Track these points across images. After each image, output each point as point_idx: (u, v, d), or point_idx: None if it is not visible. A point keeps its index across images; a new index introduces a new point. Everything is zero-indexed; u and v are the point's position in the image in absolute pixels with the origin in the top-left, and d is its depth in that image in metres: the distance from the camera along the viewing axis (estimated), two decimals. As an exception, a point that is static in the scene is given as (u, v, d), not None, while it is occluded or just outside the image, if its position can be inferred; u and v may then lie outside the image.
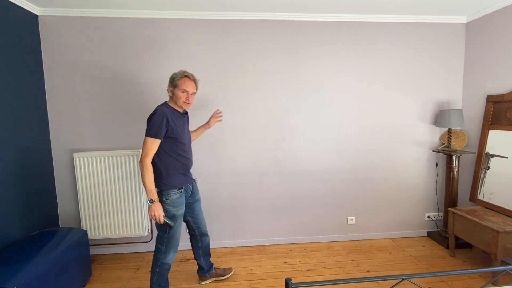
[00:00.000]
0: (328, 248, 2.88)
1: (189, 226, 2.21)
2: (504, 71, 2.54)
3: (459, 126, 2.74)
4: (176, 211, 1.92)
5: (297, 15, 2.71)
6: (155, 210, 1.80)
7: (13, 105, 2.21)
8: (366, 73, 2.88)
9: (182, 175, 1.96)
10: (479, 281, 2.28)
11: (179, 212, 1.94)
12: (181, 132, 1.91)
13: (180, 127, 1.92)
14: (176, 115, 1.92)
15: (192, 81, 1.93)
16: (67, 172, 2.69)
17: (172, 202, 1.90)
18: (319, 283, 1.16)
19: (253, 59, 2.75)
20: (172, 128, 1.84)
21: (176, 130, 1.87)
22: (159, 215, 1.81)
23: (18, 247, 2.02)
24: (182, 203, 1.97)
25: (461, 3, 2.55)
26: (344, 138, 2.93)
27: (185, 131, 1.98)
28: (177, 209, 1.93)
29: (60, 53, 2.59)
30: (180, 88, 1.89)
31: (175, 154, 1.90)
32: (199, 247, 2.25)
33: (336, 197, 2.99)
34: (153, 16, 2.62)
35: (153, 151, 1.80)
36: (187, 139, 2.00)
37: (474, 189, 2.76)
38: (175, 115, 1.91)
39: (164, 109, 1.85)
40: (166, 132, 1.82)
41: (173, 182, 1.90)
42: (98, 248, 2.79)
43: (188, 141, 2.02)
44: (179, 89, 1.89)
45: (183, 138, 1.93)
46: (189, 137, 2.07)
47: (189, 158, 2.01)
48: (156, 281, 2.00)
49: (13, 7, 2.25)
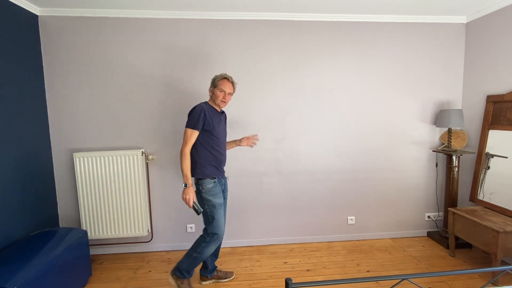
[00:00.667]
0: (328, 248, 2.88)
1: None
2: (504, 71, 2.54)
3: (459, 126, 2.74)
4: (214, 199, 2.05)
5: (297, 15, 2.71)
6: (187, 193, 1.97)
7: (13, 105, 2.21)
8: (366, 73, 2.88)
9: (215, 167, 2.09)
10: (479, 281, 2.28)
11: (217, 200, 2.06)
12: (216, 127, 2.07)
13: (216, 123, 2.08)
14: (213, 112, 2.10)
15: (230, 83, 2.12)
16: (67, 172, 2.69)
17: (208, 191, 2.04)
18: (319, 283, 1.16)
19: (253, 59, 2.75)
20: (208, 122, 2.02)
21: (212, 124, 2.04)
22: (189, 199, 1.96)
23: (18, 247, 2.02)
24: (219, 192, 2.10)
25: (461, 3, 2.55)
26: (344, 138, 2.93)
27: (220, 127, 2.13)
28: (214, 197, 2.05)
29: (60, 53, 2.59)
30: (219, 88, 2.08)
31: (209, 147, 2.06)
32: None
33: (336, 197, 2.99)
34: (153, 16, 2.62)
35: (191, 141, 2.00)
36: (222, 135, 2.15)
37: (474, 189, 2.76)
38: (212, 112, 2.08)
39: (203, 105, 2.06)
40: (203, 125, 2.00)
41: (206, 172, 2.05)
42: (98, 248, 2.79)
43: (223, 138, 2.16)
44: (218, 88, 2.08)
45: (218, 133, 2.08)
46: (225, 134, 2.20)
47: (222, 153, 2.14)
48: (186, 266, 2.10)
49: (13, 7, 2.25)
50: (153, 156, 2.74)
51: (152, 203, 2.81)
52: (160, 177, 2.79)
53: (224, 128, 2.21)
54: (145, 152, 2.72)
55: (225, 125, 2.24)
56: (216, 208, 2.05)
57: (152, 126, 2.73)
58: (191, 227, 2.87)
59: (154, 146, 2.76)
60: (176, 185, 2.81)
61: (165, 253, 2.82)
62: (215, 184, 2.08)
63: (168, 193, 2.82)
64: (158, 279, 2.39)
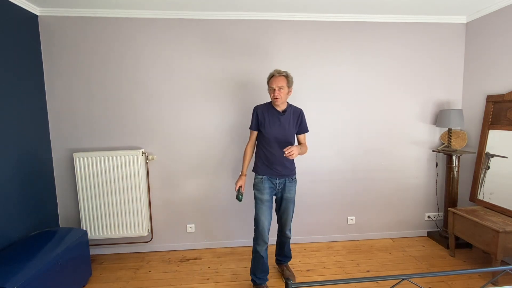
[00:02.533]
0: (328, 248, 2.88)
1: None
2: (504, 71, 2.54)
3: (459, 126, 2.74)
4: (258, 194, 2.15)
5: (297, 15, 2.71)
6: (237, 180, 2.18)
7: (13, 105, 2.21)
8: (366, 73, 2.88)
9: (266, 166, 2.16)
10: (479, 281, 2.28)
11: (259, 196, 2.14)
12: (268, 127, 2.11)
13: (270, 123, 2.11)
14: (269, 112, 2.14)
15: (279, 76, 2.05)
16: (67, 172, 2.69)
17: (255, 185, 2.19)
18: (319, 283, 1.16)
19: (253, 59, 2.75)
20: (261, 122, 2.14)
21: (264, 124, 2.12)
22: (236, 184, 2.16)
23: (18, 247, 2.02)
24: (264, 189, 2.14)
25: (461, 3, 2.55)
26: (344, 138, 2.93)
27: (275, 127, 2.11)
28: (258, 193, 2.15)
29: (60, 53, 2.59)
30: (269, 87, 2.11)
31: (261, 146, 2.19)
32: (278, 237, 2.40)
33: (336, 197, 2.99)
34: (153, 16, 2.62)
35: (250, 139, 2.22)
36: (275, 134, 2.11)
37: (474, 189, 2.76)
38: (268, 112, 2.14)
39: (258, 105, 2.21)
40: (257, 124, 2.15)
41: (257, 168, 2.20)
42: (98, 248, 2.79)
43: (276, 137, 2.12)
44: (269, 88, 2.11)
45: (268, 133, 2.11)
46: (282, 134, 2.12)
47: (273, 153, 2.13)
48: (252, 269, 2.20)
49: (13, 7, 2.25)
50: (153, 156, 2.74)
51: (152, 203, 2.81)
52: (160, 177, 2.79)
53: (283, 128, 2.11)
54: (145, 152, 2.73)
55: (288, 125, 2.13)
56: (257, 203, 2.15)
57: (152, 126, 2.73)
58: (191, 227, 2.87)
59: (154, 146, 2.76)
60: (176, 185, 2.81)
61: (165, 253, 2.82)
62: (262, 181, 2.15)
63: (168, 193, 2.82)
64: (158, 279, 2.39)
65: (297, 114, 2.20)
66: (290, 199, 2.21)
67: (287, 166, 2.16)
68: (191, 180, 2.82)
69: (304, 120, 2.23)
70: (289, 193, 2.20)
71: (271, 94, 2.08)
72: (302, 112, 2.23)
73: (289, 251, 2.41)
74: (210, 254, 2.80)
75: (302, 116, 2.22)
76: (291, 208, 2.24)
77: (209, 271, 2.49)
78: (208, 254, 2.79)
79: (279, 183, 2.17)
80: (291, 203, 2.22)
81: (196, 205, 2.86)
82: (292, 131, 2.17)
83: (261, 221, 2.12)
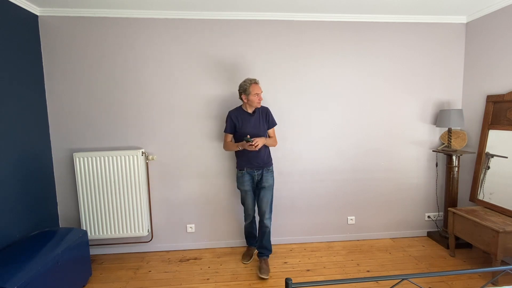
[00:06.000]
0: (328, 248, 2.88)
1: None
2: (504, 71, 2.54)
3: (459, 126, 2.74)
4: (240, 186, 2.52)
5: (298, 15, 2.71)
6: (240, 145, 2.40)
7: (13, 105, 2.21)
8: (366, 73, 2.88)
9: (245, 161, 2.46)
10: (479, 281, 2.28)
11: (242, 187, 2.52)
12: (242, 128, 2.42)
13: (244, 123, 2.42)
14: (242, 115, 2.45)
15: (258, 84, 2.40)
16: (67, 172, 2.69)
17: (237, 179, 2.53)
18: (319, 283, 1.16)
19: (253, 59, 2.75)
20: (236, 125, 2.44)
21: (239, 126, 2.43)
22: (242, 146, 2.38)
23: (18, 247, 2.02)
24: (245, 181, 2.49)
25: (461, 3, 2.55)
26: (344, 138, 2.93)
27: (249, 126, 2.42)
28: (241, 185, 2.52)
29: (60, 53, 2.59)
30: (253, 94, 2.36)
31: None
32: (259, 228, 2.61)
33: (336, 197, 2.99)
34: (154, 16, 2.62)
35: (225, 142, 2.51)
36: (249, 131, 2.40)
37: (474, 189, 2.76)
38: (241, 115, 2.44)
39: (231, 111, 2.49)
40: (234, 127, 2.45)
41: (238, 165, 2.52)
42: (98, 248, 2.79)
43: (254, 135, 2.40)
44: (252, 94, 2.36)
45: (244, 130, 2.41)
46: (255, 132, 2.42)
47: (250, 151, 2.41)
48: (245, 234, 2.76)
49: (13, 7, 2.25)
50: (153, 156, 2.74)
51: (152, 203, 2.81)
52: (160, 177, 2.79)
53: (257, 127, 2.44)
54: (145, 152, 2.73)
55: (258, 123, 2.45)
56: (241, 193, 2.56)
57: (152, 126, 2.74)
58: (191, 227, 2.87)
59: (154, 146, 2.76)
60: (176, 185, 2.82)
61: (165, 253, 2.82)
62: (243, 174, 2.48)
63: (168, 193, 2.82)
64: (158, 279, 2.39)
65: (265, 112, 2.51)
66: (268, 187, 2.50)
67: (263, 158, 2.47)
68: (191, 180, 2.82)
69: (271, 116, 2.54)
70: (266, 182, 2.49)
71: (256, 100, 2.38)
72: (269, 110, 2.54)
73: (268, 243, 2.54)
74: (210, 254, 2.80)
75: (269, 113, 2.52)
76: (268, 196, 2.51)
77: (209, 271, 2.49)
78: (208, 254, 2.79)
79: (257, 175, 2.48)
80: (268, 191, 2.51)
81: (196, 205, 2.86)
82: (263, 128, 2.48)
83: (246, 203, 2.57)
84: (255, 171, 2.47)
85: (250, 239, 2.74)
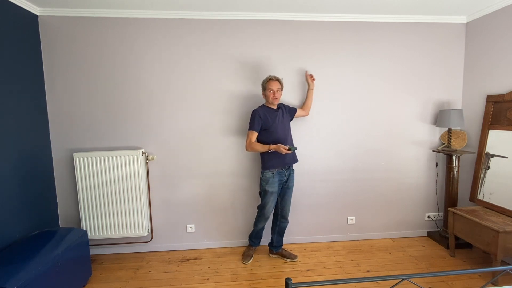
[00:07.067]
0: (328, 248, 2.88)
1: (277, 205, 2.61)
2: (504, 71, 2.54)
3: (459, 126, 2.74)
4: (268, 187, 2.44)
5: (297, 15, 2.71)
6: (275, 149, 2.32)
7: (13, 105, 2.21)
8: (366, 73, 2.88)
9: (277, 159, 2.40)
10: (479, 281, 2.28)
11: (269, 189, 2.44)
12: (272, 124, 2.39)
13: (273, 120, 2.40)
14: (269, 112, 2.43)
15: (276, 81, 2.41)
16: (67, 172, 2.69)
17: (265, 180, 2.45)
18: (319, 283, 1.16)
19: (253, 59, 2.75)
20: (264, 122, 2.39)
21: (268, 123, 2.39)
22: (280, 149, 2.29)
23: (18, 247, 2.02)
24: (274, 182, 2.45)
25: (461, 3, 2.55)
26: (344, 138, 2.93)
27: (277, 122, 2.41)
28: (269, 187, 2.44)
29: (60, 53, 2.59)
30: (268, 88, 2.40)
31: (270, 143, 2.39)
32: (276, 225, 2.67)
33: (336, 197, 2.99)
34: (154, 17, 2.62)
35: (250, 140, 2.39)
36: (279, 128, 2.42)
37: (474, 189, 2.76)
38: (268, 112, 2.42)
39: (257, 109, 2.44)
40: (260, 125, 2.39)
41: (267, 165, 2.43)
42: (98, 248, 2.79)
43: (282, 132, 2.44)
44: (267, 89, 2.41)
45: (274, 128, 2.41)
46: (284, 128, 2.47)
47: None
48: (250, 235, 2.73)
49: (13, 7, 2.25)
50: (153, 156, 2.74)
51: (152, 203, 2.81)
52: (160, 177, 2.79)
53: (281, 122, 2.45)
54: (145, 152, 2.73)
55: (283, 118, 2.48)
56: (266, 195, 2.47)
57: (152, 126, 2.73)
58: (191, 227, 2.87)
59: (154, 146, 2.76)
60: (176, 185, 2.82)
61: (165, 253, 2.82)
62: (273, 175, 2.44)
63: (168, 193, 2.82)
64: (158, 279, 2.39)
65: (283, 106, 2.55)
66: (292, 187, 2.58)
67: (294, 156, 2.54)
68: (191, 180, 2.82)
69: (288, 106, 2.60)
70: (291, 182, 2.56)
71: (270, 95, 2.40)
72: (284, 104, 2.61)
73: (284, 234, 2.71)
74: (210, 254, 2.80)
75: (285, 105, 2.59)
76: (291, 195, 2.60)
77: (209, 271, 2.49)
78: (208, 254, 2.79)
79: (286, 175, 2.49)
80: (291, 190, 2.59)
81: (196, 205, 2.86)
82: (288, 120, 2.54)
83: (268, 205, 2.49)
84: (285, 170, 2.48)
85: (257, 240, 2.73)
